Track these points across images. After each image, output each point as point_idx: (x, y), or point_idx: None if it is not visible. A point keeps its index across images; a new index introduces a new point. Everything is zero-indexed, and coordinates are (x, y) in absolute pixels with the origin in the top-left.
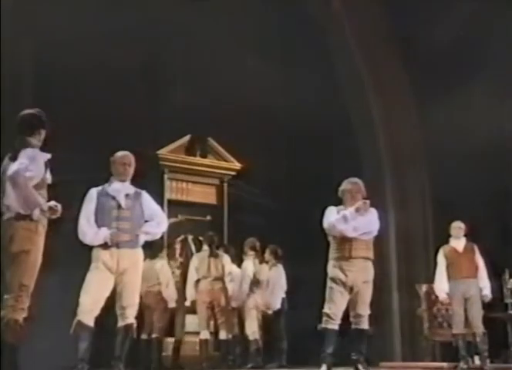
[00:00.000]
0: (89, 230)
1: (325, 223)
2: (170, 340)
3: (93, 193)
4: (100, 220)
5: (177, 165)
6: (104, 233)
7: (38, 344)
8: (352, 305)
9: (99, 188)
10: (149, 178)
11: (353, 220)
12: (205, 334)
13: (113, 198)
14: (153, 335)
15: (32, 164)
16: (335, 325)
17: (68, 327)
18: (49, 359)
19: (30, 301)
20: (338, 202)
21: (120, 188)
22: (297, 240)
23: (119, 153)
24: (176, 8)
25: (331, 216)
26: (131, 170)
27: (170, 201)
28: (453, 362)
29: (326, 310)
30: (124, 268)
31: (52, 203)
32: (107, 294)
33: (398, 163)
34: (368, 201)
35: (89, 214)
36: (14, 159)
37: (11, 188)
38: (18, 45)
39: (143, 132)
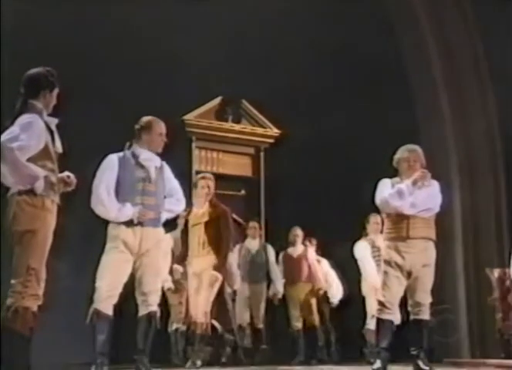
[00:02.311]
0: (112, 205)
1: (378, 199)
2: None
3: (114, 160)
4: (122, 194)
5: (206, 132)
6: (131, 210)
7: (51, 336)
8: (410, 292)
9: (120, 155)
10: (174, 147)
11: (410, 194)
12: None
13: (143, 168)
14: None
15: (24, 133)
16: (390, 315)
17: (83, 317)
18: (63, 353)
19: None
20: (394, 174)
21: (152, 158)
22: (346, 218)
23: (155, 121)
24: None
25: (385, 191)
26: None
27: (198, 173)
28: None
29: (380, 298)
30: (147, 249)
31: (65, 174)
32: (125, 278)
33: (464, 127)
34: (427, 171)
35: (110, 185)
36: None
37: (2, 162)
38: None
39: (166, 94)
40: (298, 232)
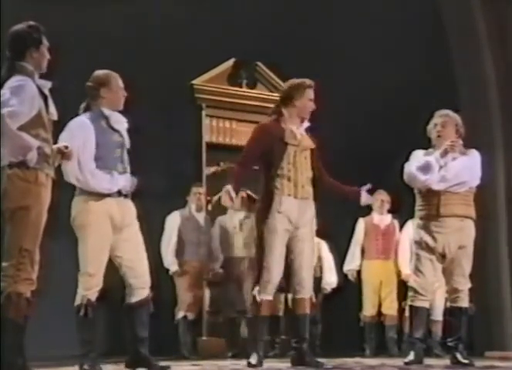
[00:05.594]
0: (102, 175)
1: (405, 173)
2: None
3: (88, 122)
4: (102, 161)
5: (218, 98)
6: (122, 179)
7: (44, 323)
8: (446, 277)
9: (88, 117)
10: (182, 115)
11: (441, 167)
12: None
13: (117, 132)
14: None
15: (14, 97)
16: (424, 302)
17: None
18: (58, 343)
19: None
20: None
21: (121, 120)
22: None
23: (112, 73)
24: None
25: (414, 164)
26: None
27: (208, 145)
28: None
29: (412, 283)
30: (129, 223)
31: (62, 144)
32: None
33: (511, 91)
34: (458, 140)
35: (92, 152)
36: None
37: None
38: None
39: (173, 56)
40: (385, 196)
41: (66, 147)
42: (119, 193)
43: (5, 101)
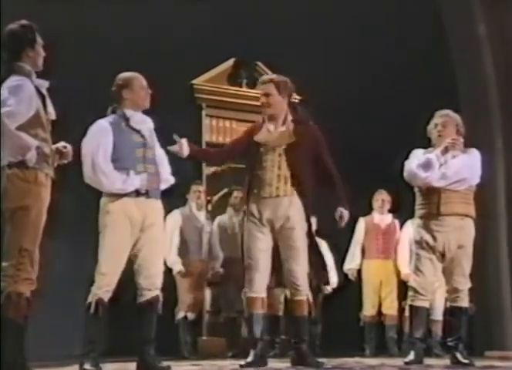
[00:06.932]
0: (115, 175)
1: (405, 171)
2: None
3: (106, 125)
4: (120, 162)
5: (218, 98)
6: (138, 179)
7: (44, 324)
8: (446, 277)
9: (110, 119)
10: (182, 115)
11: (442, 165)
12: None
13: (138, 132)
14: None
15: (12, 97)
16: (424, 302)
17: (81, 304)
18: (58, 343)
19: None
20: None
21: (145, 120)
22: (371, 193)
23: (134, 75)
24: None
25: (414, 162)
26: None
27: (208, 145)
28: None
29: (412, 283)
30: (150, 224)
31: (61, 144)
32: (126, 260)
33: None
34: (459, 138)
35: (108, 154)
36: None
37: None
38: None
39: (173, 56)
40: (386, 196)
41: (65, 147)
42: (138, 193)
43: (2, 101)
